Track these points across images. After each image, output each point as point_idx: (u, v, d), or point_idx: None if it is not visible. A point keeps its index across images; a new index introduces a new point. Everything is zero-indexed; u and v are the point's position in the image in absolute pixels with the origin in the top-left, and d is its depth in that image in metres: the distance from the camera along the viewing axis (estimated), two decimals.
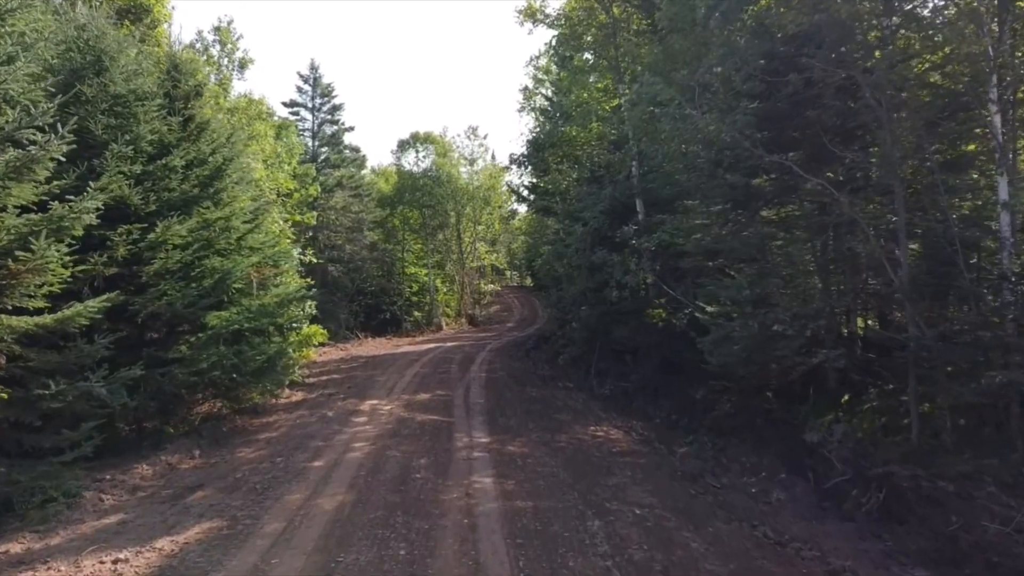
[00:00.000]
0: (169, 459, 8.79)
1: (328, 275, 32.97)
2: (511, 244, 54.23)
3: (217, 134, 10.93)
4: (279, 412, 11.96)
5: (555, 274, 20.10)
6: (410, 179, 37.23)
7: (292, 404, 12.82)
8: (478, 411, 11.90)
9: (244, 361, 9.91)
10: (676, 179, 12.46)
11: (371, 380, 15.72)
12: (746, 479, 9.19)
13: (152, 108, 9.68)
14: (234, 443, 9.75)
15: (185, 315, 9.23)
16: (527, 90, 25.69)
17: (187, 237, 9.50)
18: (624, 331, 13.14)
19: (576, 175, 15.73)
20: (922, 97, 8.04)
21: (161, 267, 8.95)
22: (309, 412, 11.86)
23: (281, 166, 26.78)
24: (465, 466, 8.28)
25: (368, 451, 8.98)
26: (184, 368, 9.00)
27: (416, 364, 18.65)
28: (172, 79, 10.49)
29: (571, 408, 12.49)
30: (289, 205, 29.33)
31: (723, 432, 11.17)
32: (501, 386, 14.83)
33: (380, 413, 11.68)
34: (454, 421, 11.06)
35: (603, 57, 13.47)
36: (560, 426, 10.87)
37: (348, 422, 10.90)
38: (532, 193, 26.39)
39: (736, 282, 9.43)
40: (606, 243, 13.86)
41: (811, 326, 8.70)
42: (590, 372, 16.28)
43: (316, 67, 33.28)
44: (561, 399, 13.46)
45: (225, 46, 23.59)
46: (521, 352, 22.53)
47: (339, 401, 12.87)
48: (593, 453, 9.15)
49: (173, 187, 9.61)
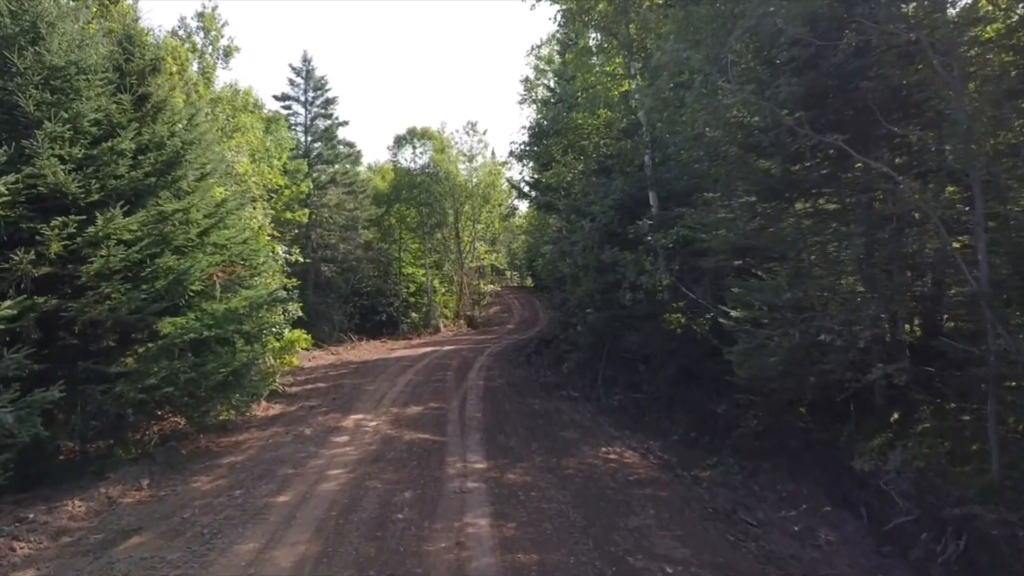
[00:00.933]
0: (110, 491, 7.49)
1: (321, 275, 31.72)
2: (511, 244, 52.98)
3: (179, 116, 9.63)
4: (251, 429, 10.67)
5: (558, 275, 18.80)
6: (407, 176, 35.95)
7: (268, 419, 11.52)
8: (474, 427, 10.61)
9: (205, 374, 8.61)
10: (695, 168, 11.16)
11: (359, 390, 14.42)
12: (784, 512, 7.90)
13: (98, 83, 8.38)
14: (192, 469, 8.45)
15: (131, 322, 7.93)
16: (528, 81, 24.37)
17: (137, 232, 8.20)
18: (637, 337, 11.83)
19: (582, 166, 14.46)
20: (1000, 60, 6.73)
21: (102, 266, 7.64)
22: (285, 429, 10.55)
23: (270, 161, 25.54)
24: (457, 502, 6.98)
25: (345, 481, 7.68)
26: (130, 384, 7.69)
27: (409, 371, 17.36)
28: (125, 52, 9.19)
29: (578, 424, 11.19)
30: (279, 202, 28.14)
31: (751, 453, 9.88)
32: (500, 397, 13.54)
33: (364, 431, 10.38)
34: (447, 441, 9.76)
35: (613, 34, 12.15)
36: (567, 447, 9.57)
37: (326, 442, 9.60)
38: (534, 189, 25.12)
39: (773, 284, 8.13)
40: (616, 240, 12.56)
41: (864, 335, 7.40)
42: (597, 380, 14.98)
43: (309, 59, 31.97)
44: (567, 412, 12.16)
45: (209, 33, 22.29)
46: (522, 357, 21.24)
47: (320, 416, 11.57)
48: (607, 483, 7.85)
49: (121, 174, 8.31)
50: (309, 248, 31.39)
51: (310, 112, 31.99)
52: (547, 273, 18.53)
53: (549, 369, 19.20)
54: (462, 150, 37.68)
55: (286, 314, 15.22)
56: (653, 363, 12.98)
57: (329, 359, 21.87)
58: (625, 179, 12.15)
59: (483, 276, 43.19)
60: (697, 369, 12.10)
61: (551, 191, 18.78)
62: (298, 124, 31.84)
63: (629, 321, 12.11)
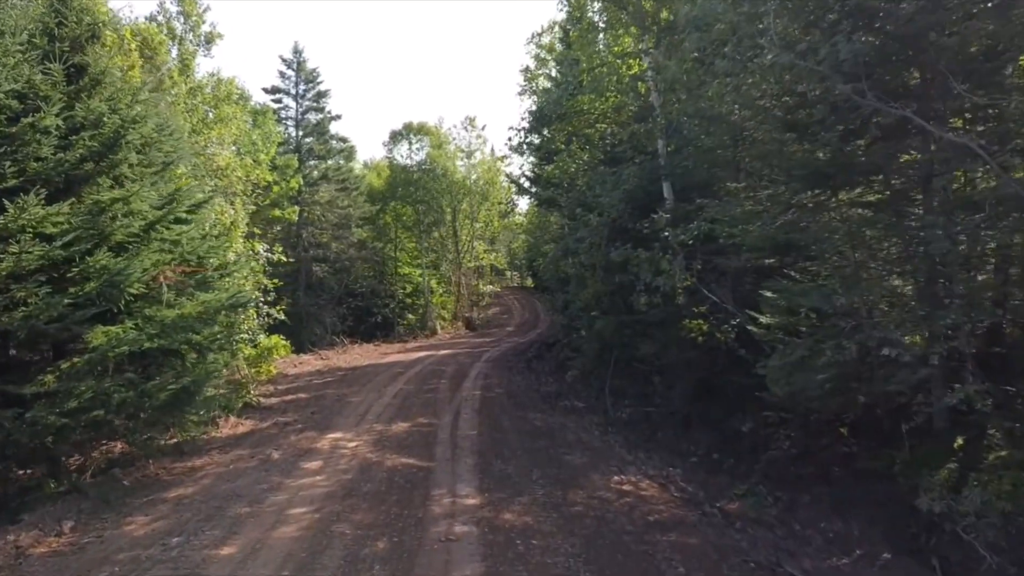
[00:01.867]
0: (21, 538, 6.17)
1: (313, 276, 30.45)
2: (511, 243, 51.69)
3: (123, 92, 8.31)
4: (213, 451, 9.35)
5: (561, 275, 17.48)
6: (403, 172, 34.63)
7: (234, 438, 10.20)
8: (467, 450, 9.29)
9: (147, 393, 7.29)
10: (717, 155, 9.85)
11: (342, 401, 13.10)
12: (835, 560, 6.58)
13: (17, 48, 7.06)
14: (131, 505, 7.13)
15: (51, 332, 6.61)
16: (528, 71, 23.07)
17: (64, 224, 6.90)
18: (651, 346, 10.52)
19: (588, 156, 13.14)
20: None
21: (15, 266, 6.33)
22: (250, 452, 9.23)
23: (256, 155, 24.25)
24: (441, 556, 5.66)
25: (307, 525, 6.36)
26: (46, 408, 6.38)
27: (400, 379, 16.03)
28: (57, 15, 7.88)
29: (586, 444, 9.87)
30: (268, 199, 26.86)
31: (785, 481, 8.57)
32: (498, 411, 12.22)
33: (341, 454, 9.06)
34: (434, 467, 8.44)
35: (622, 6, 10.82)
36: (574, 475, 8.24)
37: (295, 470, 8.28)
38: (534, 185, 23.83)
39: (823, 286, 6.81)
40: (627, 237, 11.24)
41: (939, 349, 6.10)
42: (604, 390, 13.67)
43: (300, 51, 30.65)
44: (572, 429, 10.84)
45: (189, 18, 20.97)
46: (522, 363, 19.94)
47: (293, 435, 10.24)
48: (623, 526, 6.53)
49: (44, 155, 7.00)
50: (300, 247, 30.14)
51: (301, 106, 30.67)
52: (549, 273, 17.20)
53: (551, 376, 17.90)
54: (460, 146, 36.37)
55: (266, 318, 13.92)
56: (668, 374, 11.67)
57: (317, 364, 20.55)
58: (641, 165, 10.81)
59: (482, 276, 41.88)
60: (718, 382, 10.78)
61: (553, 186, 17.46)
62: (289, 118, 30.53)
63: (641, 327, 10.79)
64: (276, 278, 27.90)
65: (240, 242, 12.48)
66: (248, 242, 16.10)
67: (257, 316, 12.79)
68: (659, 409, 12.06)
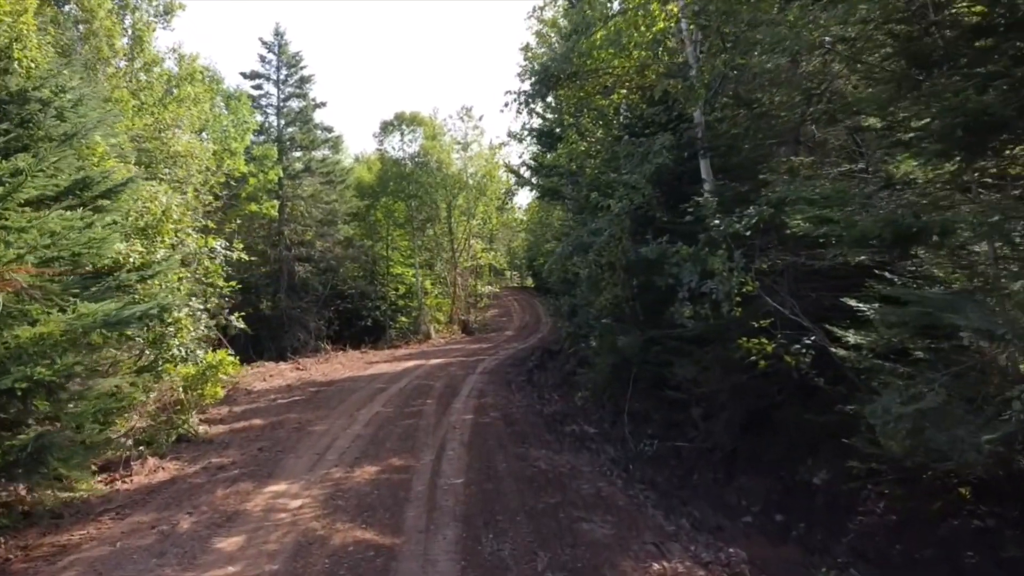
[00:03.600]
0: None
1: (295, 276, 28.13)
2: (511, 242, 49.37)
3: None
4: (104, 515, 6.94)
5: (567, 276, 15.05)
6: (394, 166, 32.29)
7: (144, 491, 7.77)
8: (449, 513, 6.89)
9: None
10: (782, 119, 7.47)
11: (302, 431, 10.70)
12: None
13: None
14: None
15: None
16: (529, 48, 20.63)
17: None
18: (690, 369, 8.13)
19: (602, 132, 10.79)
20: None
21: None
22: (153, 518, 6.81)
23: (228, 143, 21.91)
24: None
25: None
26: None
27: (379, 398, 13.64)
28: None
29: (607, 502, 7.46)
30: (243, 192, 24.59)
31: (888, 563, 6.23)
32: (492, 445, 9.83)
33: (275, 522, 6.65)
34: (400, 547, 6.04)
35: None
36: (596, 561, 5.84)
37: (203, 552, 5.88)
38: (535, 175, 21.46)
39: (976, 299, 4.42)
40: (652, 227, 8.88)
41: None
42: (621, 416, 11.32)
43: (281, 33, 28.30)
44: (587, 475, 8.45)
45: None
46: (522, 375, 17.56)
47: (223, 486, 7.82)
48: None
49: None
50: (282, 245, 27.82)
51: (282, 92, 28.33)
52: (554, 274, 14.78)
53: (555, 391, 15.51)
54: (456, 137, 33.96)
55: (209, 329, 11.54)
56: (706, 401, 9.27)
57: (290, 377, 18.16)
58: (673, 135, 8.42)
59: (480, 276, 39.50)
60: (775, 415, 8.40)
61: (558, 175, 15.04)
62: (270, 105, 28.22)
63: (677, 344, 8.39)
64: (252, 279, 25.61)
65: (171, 236, 10.08)
66: (202, 238, 13.73)
67: (194, 328, 10.39)
68: (694, 444, 9.68)
